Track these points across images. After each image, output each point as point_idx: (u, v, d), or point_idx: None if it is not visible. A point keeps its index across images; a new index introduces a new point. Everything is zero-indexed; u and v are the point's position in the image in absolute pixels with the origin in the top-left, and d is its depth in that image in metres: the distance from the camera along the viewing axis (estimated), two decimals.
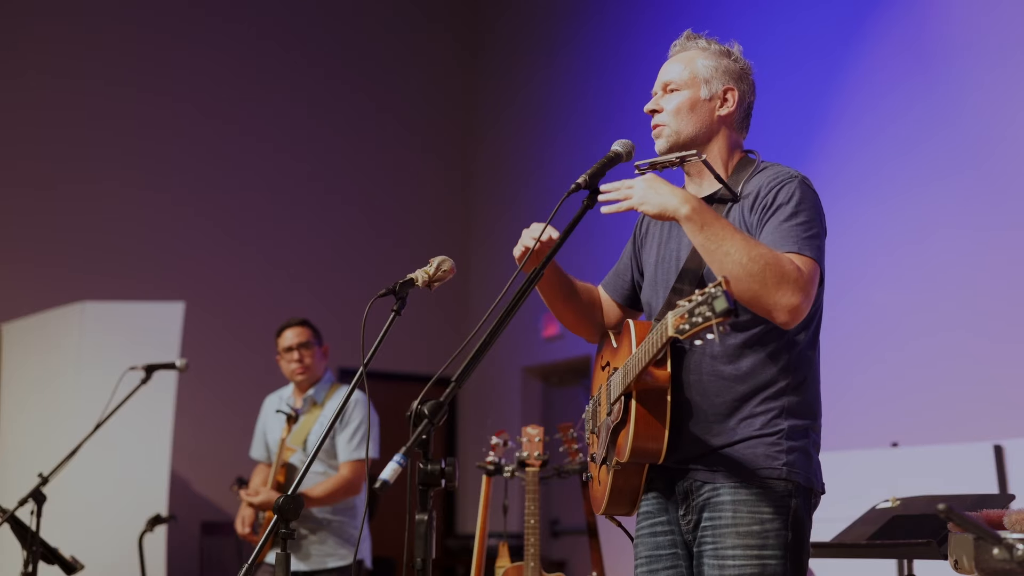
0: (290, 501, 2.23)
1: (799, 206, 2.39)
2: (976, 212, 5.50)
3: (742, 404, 2.41)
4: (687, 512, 2.44)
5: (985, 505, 3.03)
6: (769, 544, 2.35)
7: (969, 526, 1.83)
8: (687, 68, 2.59)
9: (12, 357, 7.17)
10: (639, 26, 8.02)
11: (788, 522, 2.37)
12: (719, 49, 2.63)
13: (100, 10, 8.32)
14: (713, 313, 1.99)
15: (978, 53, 5.60)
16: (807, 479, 2.41)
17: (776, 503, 2.36)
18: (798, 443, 2.41)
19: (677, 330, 2.07)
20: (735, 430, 2.40)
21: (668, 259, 2.57)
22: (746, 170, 2.55)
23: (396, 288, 2.44)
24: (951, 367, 5.45)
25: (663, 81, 2.62)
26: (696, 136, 2.56)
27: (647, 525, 2.53)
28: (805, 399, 2.45)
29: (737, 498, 2.37)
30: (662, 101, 2.59)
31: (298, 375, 4.89)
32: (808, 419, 2.45)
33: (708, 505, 2.40)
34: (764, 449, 2.38)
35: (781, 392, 2.41)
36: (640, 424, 2.34)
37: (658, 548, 2.50)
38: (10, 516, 3.88)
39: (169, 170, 8.36)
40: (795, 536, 2.38)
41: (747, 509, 2.36)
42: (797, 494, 2.39)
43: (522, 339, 8.56)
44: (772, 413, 2.40)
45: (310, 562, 4.67)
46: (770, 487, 2.37)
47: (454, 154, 9.74)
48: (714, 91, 2.57)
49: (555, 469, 4.42)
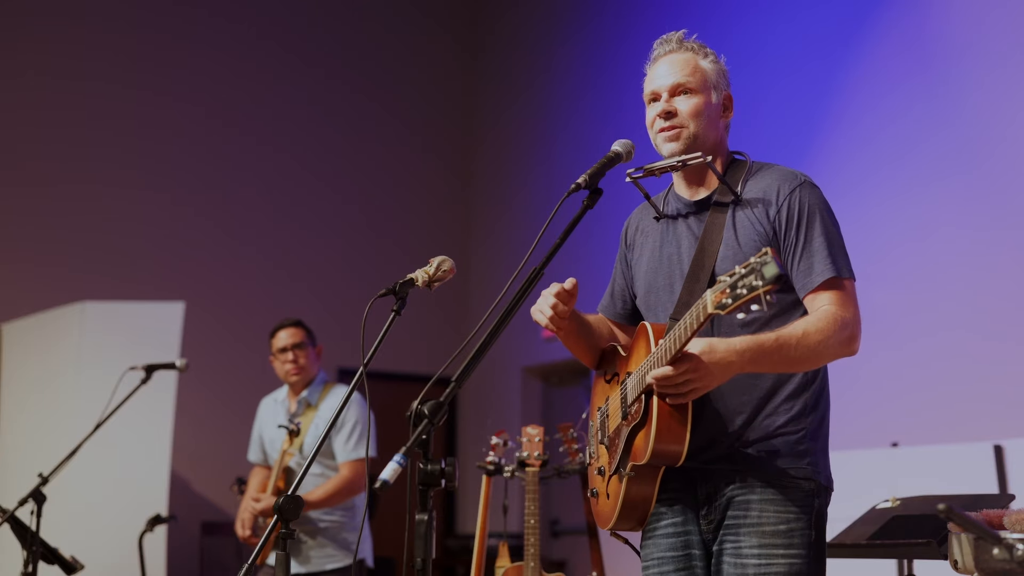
0: (290, 501, 2.23)
1: (819, 216, 2.43)
2: (976, 212, 5.50)
3: (766, 401, 2.41)
4: (709, 512, 2.43)
5: (985, 505, 3.03)
6: (795, 543, 2.35)
7: (969, 526, 1.83)
8: (696, 72, 2.54)
9: (12, 357, 7.17)
10: (639, 27, 8.02)
11: (812, 521, 2.38)
12: (711, 54, 2.59)
13: (100, 10, 8.32)
14: (763, 281, 1.96)
15: (978, 53, 5.60)
16: (827, 478, 2.44)
17: (801, 502, 2.37)
18: (818, 442, 2.43)
19: (718, 305, 2.04)
20: (759, 427, 2.40)
21: (669, 262, 2.56)
22: (740, 171, 2.54)
23: (396, 288, 2.44)
24: (951, 367, 5.45)
25: (673, 83, 2.54)
26: (708, 140, 2.54)
27: (660, 526, 2.50)
28: (822, 396, 2.47)
29: (764, 497, 2.37)
30: (677, 102, 2.53)
31: (292, 376, 4.88)
32: (824, 417, 2.47)
33: (733, 503, 2.39)
34: (789, 447, 2.38)
35: (802, 389, 2.43)
36: (662, 423, 2.30)
37: (670, 549, 2.48)
38: (10, 516, 3.88)
39: (169, 170, 8.36)
40: (818, 535, 2.39)
41: (774, 508, 2.36)
42: (819, 493, 2.40)
43: (522, 339, 8.55)
44: (795, 410, 2.41)
45: (309, 565, 4.66)
46: (796, 486, 2.37)
47: (454, 154, 9.74)
48: (720, 97, 2.57)
49: (555, 469, 4.42)
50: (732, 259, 2.42)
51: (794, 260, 2.43)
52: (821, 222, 2.43)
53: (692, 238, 2.53)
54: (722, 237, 2.46)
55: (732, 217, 2.47)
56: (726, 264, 2.42)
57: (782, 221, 2.43)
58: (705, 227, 2.50)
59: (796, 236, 2.43)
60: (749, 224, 2.45)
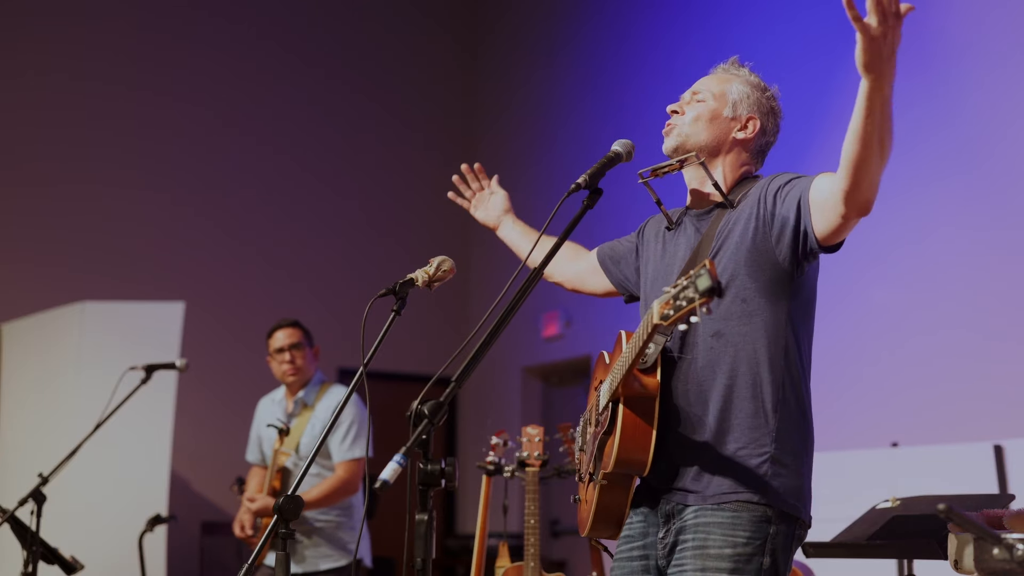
0: (289, 501, 2.23)
1: (796, 177, 2.45)
2: (976, 212, 5.50)
3: (726, 421, 2.37)
4: (666, 535, 2.41)
5: (985, 505, 3.03)
6: (740, 568, 2.30)
7: (969, 526, 1.83)
8: (721, 86, 2.63)
9: (12, 357, 7.17)
10: (638, 27, 8.02)
11: (764, 547, 2.32)
12: (758, 83, 2.68)
13: (100, 10, 8.33)
14: (697, 294, 1.96)
15: (978, 53, 5.60)
16: (793, 507, 2.37)
17: (753, 528, 2.32)
18: (785, 468, 2.36)
19: (662, 316, 2.03)
20: (717, 448, 2.36)
21: (667, 270, 2.57)
22: (747, 185, 2.56)
23: (396, 288, 2.44)
24: (951, 367, 5.45)
25: (695, 89, 2.65)
26: (704, 145, 2.57)
27: (625, 549, 2.50)
28: (799, 422, 2.41)
29: (713, 520, 2.33)
30: (685, 104, 2.63)
31: (289, 376, 4.88)
32: (798, 443, 2.40)
33: (685, 528, 2.37)
34: (746, 471, 2.34)
35: (771, 410, 2.37)
36: (627, 431, 2.30)
37: (632, 572, 2.47)
38: (10, 516, 3.88)
39: (169, 170, 8.36)
40: (773, 562, 2.33)
41: (721, 532, 2.32)
42: (778, 520, 2.34)
43: (522, 339, 8.56)
44: (758, 432, 2.36)
45: (305, 564, 4.66)
46: (749, 511, 2.33)
47: (454, 154, 9.73)
48: (738, 113, 2.61)
49: (555, 469, 4.42)
50: (725, 262, 2.44)
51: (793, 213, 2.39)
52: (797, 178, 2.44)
53: (688, 247, 2.55)
54: (711, 246, 2.47)
55: (725, 225, 2.48)
56: (720, 268, 2.43)
57: (764, 208, 2.44)
58: (702, 236, 2.52)
59: (791, 190, 2.42)
60: (739, 230, 2.45)
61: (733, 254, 2.43)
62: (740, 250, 2.43)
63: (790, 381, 2.40)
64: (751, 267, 2.41)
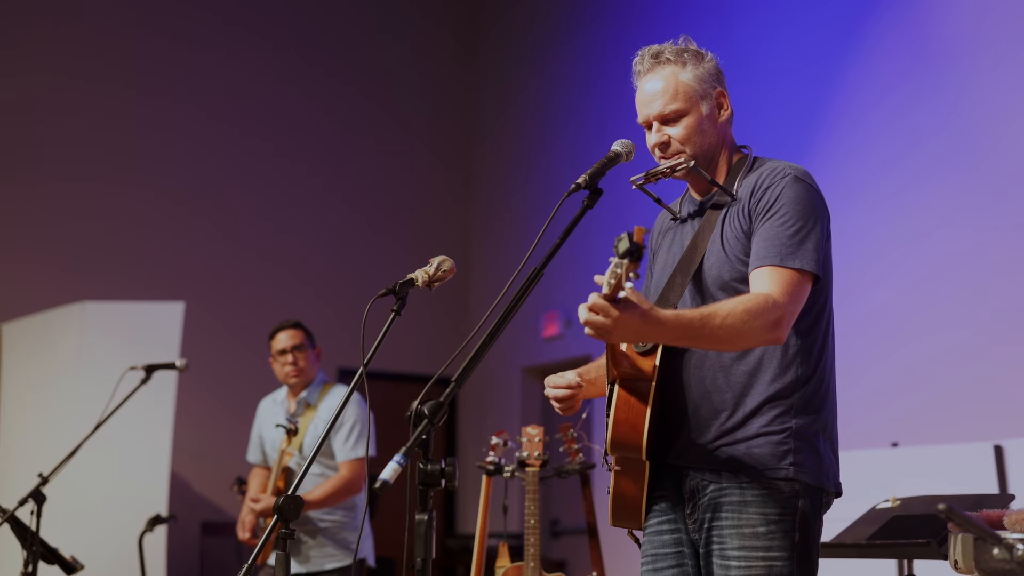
0: (290, 501, 2.23)
1: (787, 208, 2.39)
2: (976, 212, 5.50)
3: (748, 401, 2.39)
4: (693, 511, 2.43)
5: (985, 505, 3.03)
6: (775, 545, 2.33)
7: (969, 526, 1.83)
8: (678, 92, 2.52)
9: (12, 357, 7.17)
10: (638, 28, 8.02)
11: (795, 523, 2.35)
12: (692, 55, 2.55)
13: (100, 10, 8.32)
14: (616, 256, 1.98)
15: (978, 53, 5.60)
16: (817, 478, 2.39)
17: (783, 503, 2.35)
18: (806, 442, 2.38)
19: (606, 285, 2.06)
20: (741, 428, 2.38)
21: (674, 262, 2.57)
22: (741, 168, 2.55)
23: (396, 288, 2.44)
24: (951, 367, 5.45)
25: (657, 113, 2.52)
26: (708, 151, 2.55)
27: (654, 523, 2.51)
28: (817, 395, 2.43)
29: (743, 499, 2.36)
30: (668, 131, 2.52)
31: (292, 378, 4.88)
32: (820, 416, 2.42)
33: (714, 505, 2.39)
34: (771, 448, 2.36)
35: (791, 388, 2.40)
36: (619, 413, 2.32)
37: (663, 546, 2.48)
38: (10, 516, 3.88)
39: (169, 170, 8.36)
40: (803, 536, 2.36)
41: (753, 510, 2.35)
42: (805, 494, 2.37)
43: (522, 339, 8.56)
44: (779, 409, 2.38)
45: (309, 564, 4.66)
46: (776, 487, 2.35)
47: (454, 155, 9.75)
48: (711, 103, 2.54)
49: (555, 469, 4.42)
50: (716, 257, 2.45)
51: (752, 243, 2.41)
52: (786, 211, 2.39)
53: (691, 239, 2.55)
54: (710, 236, 2.48)
55: (724, 215, 2.49)
56: (711, 262, 2.45)
57: (757, 213, 2.43)
58: (701, 226, 2.52)
59: (759, 224, 2.42)
60: (736, 221, 2.46)
61: (739, 237, 2.45)
62: (743, 237, 2.45)
63: (811, 354, 2.43)
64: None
